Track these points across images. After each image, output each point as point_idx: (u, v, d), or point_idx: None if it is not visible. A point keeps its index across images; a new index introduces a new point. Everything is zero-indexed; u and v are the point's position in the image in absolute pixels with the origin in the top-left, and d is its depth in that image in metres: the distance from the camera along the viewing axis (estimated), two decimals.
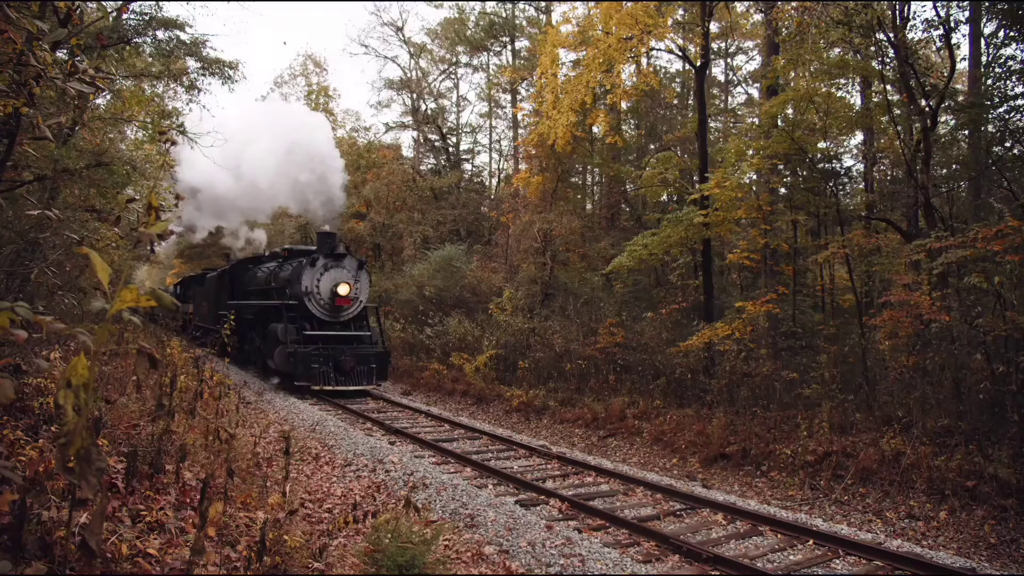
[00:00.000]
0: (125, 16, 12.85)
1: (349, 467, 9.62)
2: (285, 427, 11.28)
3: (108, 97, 13.76)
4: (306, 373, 16.15)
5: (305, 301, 17.10)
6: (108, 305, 1.88)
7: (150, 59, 14.67)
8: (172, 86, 15.86)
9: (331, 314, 17.48)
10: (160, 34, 14.05)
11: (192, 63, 15.11)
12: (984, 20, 15.60)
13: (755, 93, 29.25)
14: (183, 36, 14.24)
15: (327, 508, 7.21)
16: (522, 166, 27.93)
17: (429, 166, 35.84)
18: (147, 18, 13.47)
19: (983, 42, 16.40)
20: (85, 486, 1.54)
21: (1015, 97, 13.55)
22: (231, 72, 14.98)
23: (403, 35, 35.00)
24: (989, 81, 14.44)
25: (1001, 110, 13.58)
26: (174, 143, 4.30)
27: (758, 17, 24.42)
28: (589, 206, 29.64)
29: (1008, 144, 13.82)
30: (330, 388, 16.35)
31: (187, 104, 14.95)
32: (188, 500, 5.07)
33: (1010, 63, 14.05)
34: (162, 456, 5.37)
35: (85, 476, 1.55)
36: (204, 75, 15.04)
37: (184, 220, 28.00)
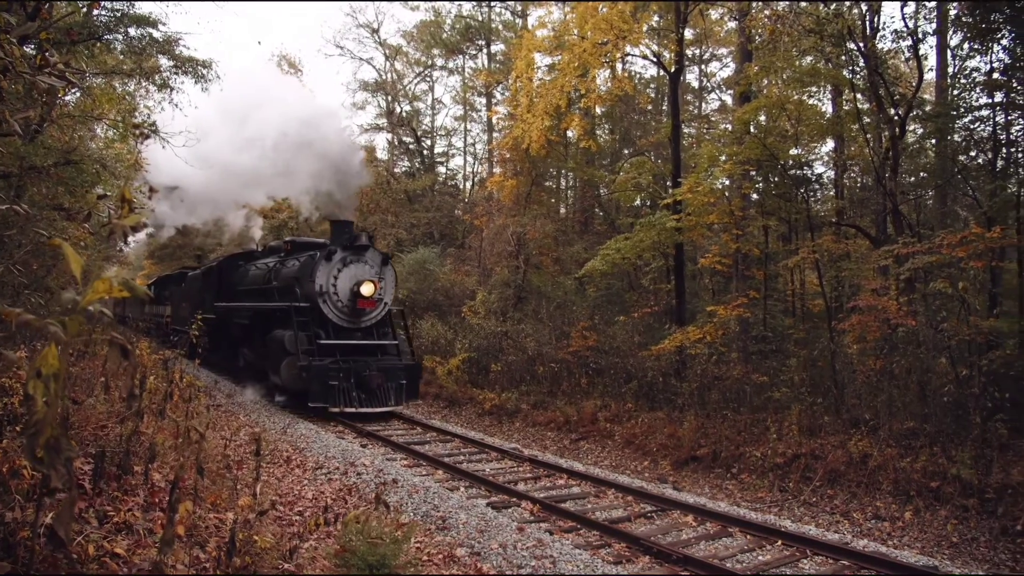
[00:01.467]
0: (96, 12, 12.67)
1: (320, 470, 9.56)
2: (256, 429, 11.18)
3: (78, 94, 13.57)
4: (322, 392, 13.37)
5: (319, 303, 14.32)
6: (79, 296, 1.87)
7: (121, 56, 14.45)
8: (144, 84, 15.62)
9: (350, 319, 14.71)
10: (132, 31, 13.85)
11: (165, 61, 14.90)
12: (951, 32, 15.91)
13: (728, 99, 29.49)
14: (156, 34, 14.07)
15: (298, 511, 7.16)
16: (496, 169, 27.93)
17: (403, 168, 35.74)
18: (119, 14, 13.30)
19: (949, 53, 16.72)
20: (54, 475, 1.54)
21: (980, 108, 13.84)
22: (204, 71, 14.78)
23: (379, 37, 34.88)
24: (955, 92, 14.73)
25: (966, 120, 13.87)
26: (147, 136, 4.27)
27: (732, 24, 24.66)
28: (563, 210, 29.75)
29: (973, 153, 14.11)
30: (352, 410, 13.63)
31: (159, 103, 14.65)
32: (157, 501, 5.01)
33: (975, 75, 14.37)
34: (130, 457, 5.30)
35: (54, 465, 1.54)
36: (177, 74, 14.83)
37: (158, 217, 27.08)
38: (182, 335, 21.19)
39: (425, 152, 36.15)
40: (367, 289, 14.50)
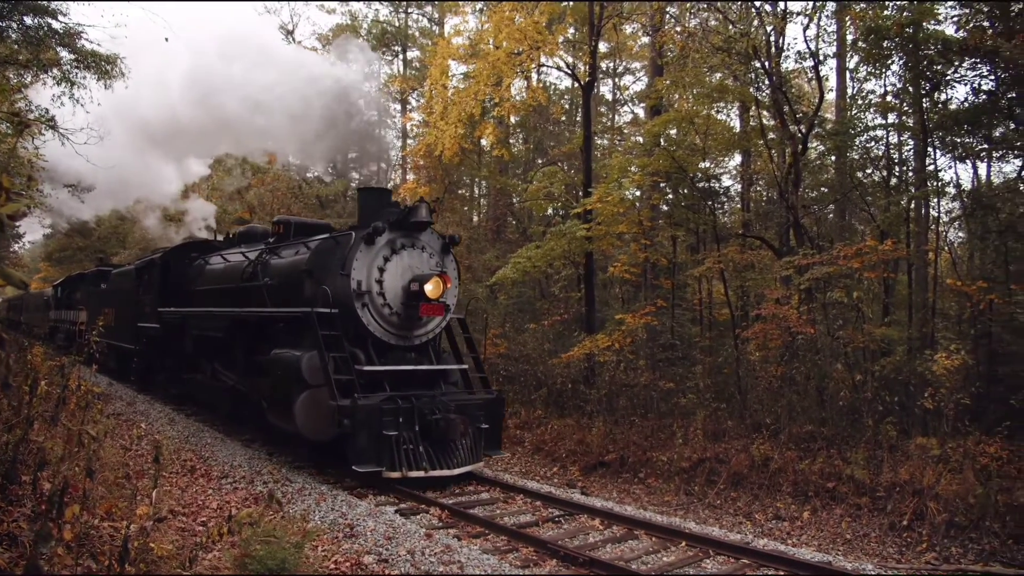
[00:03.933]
0: None
1: (226, 479, 9.29)
2: (157, 436, 10.73)
3: None
4: (373, 447, 8.83)
5: (356, 308, 9.71)
6: None
7: (16, 46, 13.68)
8: (42, 77, 14.78)
9: (401, 332, 10.15)
10: (28, 20, 13.14)
11: (65, 54, 14.13)
12: (849, 56, 16.71)
13: (641, 112, 30.12)
14: (55, 24, 13.35)
15: (202, 520, 6.96)
16: (410, 176, 27.76)
17: (316, 173, 35.07)
18: (13, 1, 12.60)
19: (848, 76, 17.53)
20: None
21: (875, 128, 14.58)
22: (109, 67, 14.02)
23: (293, 39, 34.20)
24: (853, 112, 15.45)
25: (863, 139, 14.56)
26: (26, 125, 4.04)
27: (645, 40, 25.20)
28: (476, 218, 29.75)
29: (869, 170, 14.84)
30: (420, 475, 9.06)
31: (58, 97, 13.75)
32: (45, 510, 4.75)
33: (870, 97, 15.13)
34: (17, 466, 5.01)
35: None
36: (79, 68, 14.04)
37: (63, 212, 25.09)
38: (108, 348, 17.08)
39: (338, 157, 35.58)
40: (433, 288, 9.90)
